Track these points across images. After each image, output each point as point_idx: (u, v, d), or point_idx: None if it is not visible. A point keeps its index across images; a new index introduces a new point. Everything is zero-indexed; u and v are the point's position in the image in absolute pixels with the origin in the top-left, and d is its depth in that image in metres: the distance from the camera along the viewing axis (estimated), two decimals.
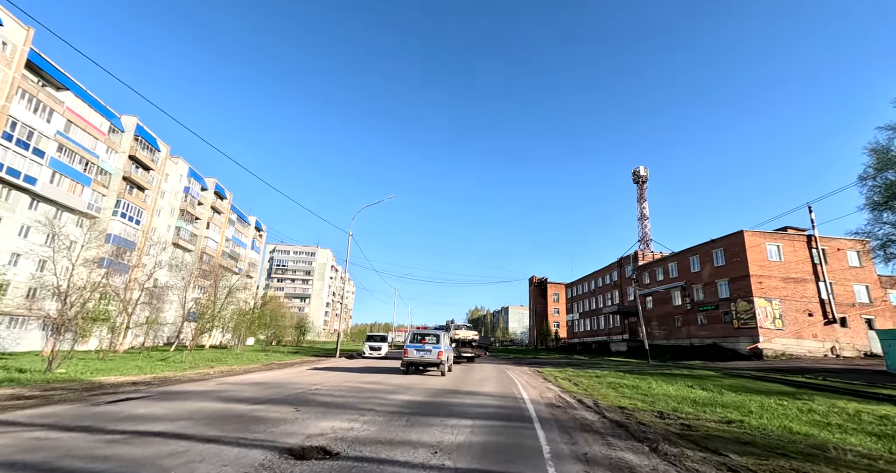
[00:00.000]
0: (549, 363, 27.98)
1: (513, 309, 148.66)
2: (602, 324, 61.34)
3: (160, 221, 50.83)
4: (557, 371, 18.97)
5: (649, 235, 54.70)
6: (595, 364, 27.42)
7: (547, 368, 21.41)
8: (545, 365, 25.89)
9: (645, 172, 56.41)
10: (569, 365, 26.31)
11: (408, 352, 15.44)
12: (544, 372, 17.91)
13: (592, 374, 16.59)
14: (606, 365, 26.84)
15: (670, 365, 27.76)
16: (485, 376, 15.49)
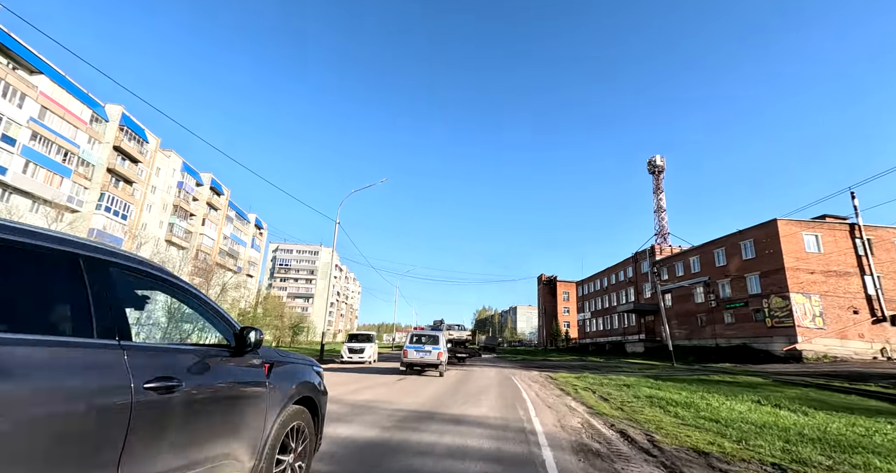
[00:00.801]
0: (562, 366, 24.82)
1: (521, 309, 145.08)
2: (616, 324, 57.78)
3: (151, 217, 48.63)
4: (574, 377, 15.83)
5: (667, 228, 51.16)
6: (614, 367, 24.16)
7: (561, 373, 18.29)
8: (558, 368, 22.76)
9: (661, 162, 52.80)
10: (584, 368, 23.14)
11: (407, 353, 15.69)
12: (558, 379, 14.80)
13: (619, 382, 13.44)
14: (628, 368, 23.57)
15: (701, 369, 24.39)
16: (484, 385, 12.46)
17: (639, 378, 15.65)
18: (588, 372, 20.00)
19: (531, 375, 16.86)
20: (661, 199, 52.01)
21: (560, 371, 20.53)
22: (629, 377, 15.98)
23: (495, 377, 15.53)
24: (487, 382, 13.34)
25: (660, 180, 52.89)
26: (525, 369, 21.21)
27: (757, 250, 34.13)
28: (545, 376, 16.54)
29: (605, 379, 14.31)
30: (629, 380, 14.12)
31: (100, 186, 38.80)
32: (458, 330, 27.35)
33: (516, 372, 18.21)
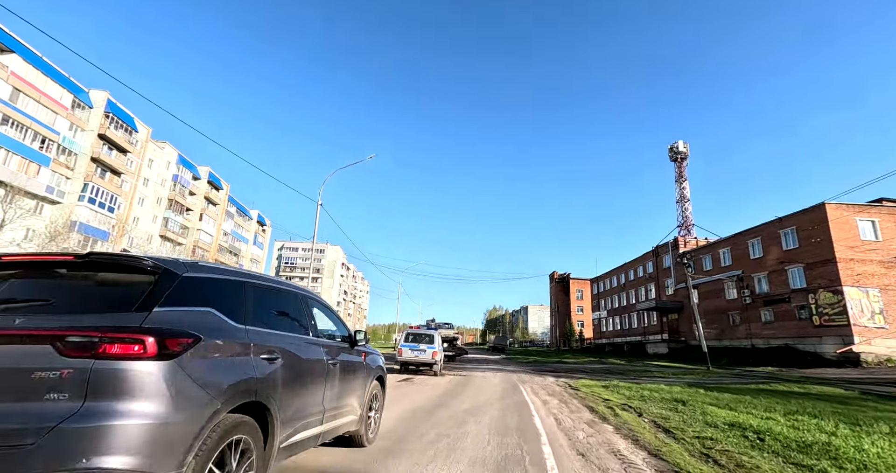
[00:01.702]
0: (581, 369, 21.36)
1: (532, 308, 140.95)
2: (635, 323, 53.75)
3: (144, 211, 46.43)
4: (600, 385, 12.41)
5: (691, 219, 47.04)
6: (642, 371, 20.57)
7: (582, 379, 14.89)
8: (575, 372, 19.33)
9: (684, 148, 48.68)
10: (608, 372, 19.66)
11: (402, 352, 15.64)
12: (581, 390, 11.40)
13: (664, 394, 10.01)
14: (658, 372, 20.00)
15: (746, 375, 20.68)
16: (481, 401, 9.06)
17: (683, 387, 12.18)
18: (614, 377, 16.54)
19: (545, 383, 13.51)
20: (685, 188, 47.93)
21: (580, 376, 17.10)
22: (670, 385, 12.52)
23: (499, 385, 12.23)
24: (487, 395, 9.98)
25: (682, 168, 48.77)
26: (538, 373, 17.84)
27: (800, 239, 30.07)
28: (563, 384, 13.16)
29: (643, 390, 10.86)
30: (675, 392, 10.67)
31: (83, 176, 36.55)
32: (446, 328, 27.27)
33: (526, 378, 14.87)
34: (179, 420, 2.01)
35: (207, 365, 2.30)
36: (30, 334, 1.93)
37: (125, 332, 1.99)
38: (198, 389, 2.16)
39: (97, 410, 1.82)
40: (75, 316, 2.06)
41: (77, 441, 1.75)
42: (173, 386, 2.04)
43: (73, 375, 1.85)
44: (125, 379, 1.91)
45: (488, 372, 17.47)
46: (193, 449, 2.06)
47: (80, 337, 1.92)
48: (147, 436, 1.88)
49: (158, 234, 49.52)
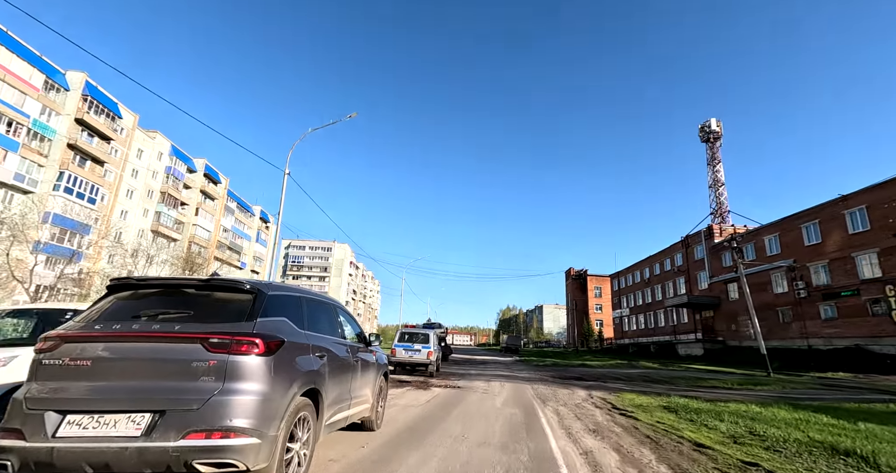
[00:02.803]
0: (613, 376, 16.98)
1: (547, 307, 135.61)
2: (662, 321, 48.68)
3: (133, 204, 43.58)
4: (658, 405, 8.16)
5: (726, 205, 41.86)
6: (692, 380, 16.02)
7: (623, 392, 10.65)
8: (607, 380, 15.00)
9: (718, 127, 43.44)
10: (647, 380, 15.29)
11: (396, 352, 14.85)
12: (639, 417, 7.15)
13: (782, 424, 5.79)
14: (714, 381, 15.49)
15: (826, 383, 16.00)
16: (465, 458, 5.05)
17: (778, 408, 7.88)
18: (661, 387, 12.27)
19: (574, 400, 9.27)
20: (718, 171, 42.74)
21: (616, 385, 12.82)
22: (763, 405, 8.19)
23: (505, 408, 7.93)
24: (478, 434, 5.76)
25: (716, 149, 43.58)
26: (561, 383, 13.57)
27: (872, 220, 25.01)
28: (602, 403, 8.93)
29: (740, 418, 6.59)
30: (782, 415, 6.43)
31: (58, 164, 33.69)
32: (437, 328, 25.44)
33: (546, 392, 10.64)
34: (276, 398, 2.93)
35: (290, 360, 3.22)
36: (187, 336, 2.85)
37: (245, 336, 2.91)
38: (286, 377, 3.10)
39: (232, 388, 2.74)
40: (211, 324, 2.97)
41: (223, 408, 2.66)
42: (273, 374, 2.96)
43: (216, 365, 2.77)
44: (247, 369, 2.83)
45: (494, 381, 13.25)
46: (284, 418, 2.96)
47: (219, 339, 2.83)
48: (260, 407, 2.78)
49: (150, 229, 46.71)
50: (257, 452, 2.66)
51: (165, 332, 2.83)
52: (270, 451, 2.75)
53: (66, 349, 2.78)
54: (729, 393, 12.02)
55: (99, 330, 2.86)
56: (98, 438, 2.48)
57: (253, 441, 2.65)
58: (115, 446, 2.44)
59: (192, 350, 2.78)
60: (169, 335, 2.81)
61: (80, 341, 2.81)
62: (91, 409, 2.60)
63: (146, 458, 2.44)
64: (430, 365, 14.74)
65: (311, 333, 3.70)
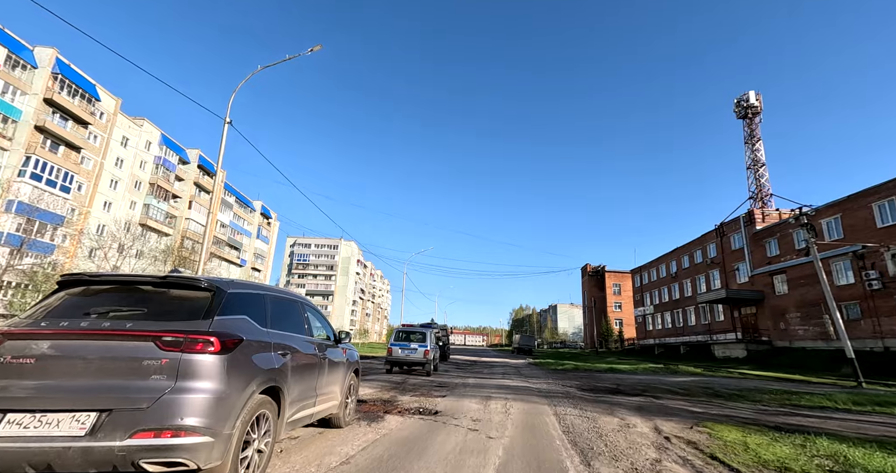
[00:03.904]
0: (658, 386, 12.51)
1: (562, 306, 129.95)
2: (693, 319, 43.53)
3: (117, 195, 40.57)
4: (811, 461, 3.89)
5: (768, 188, 36.66)
6: (779, 395, 11.35)
7: (707, 422, 6.41)
8: (658, 395, 10.58)
9: (757, 100, 38.16)
10: (714, 394, 10.81)
11: (392, 351, 14.67)
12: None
13: None
14: (798, 393, 10.97)
15: None
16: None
17: None
18: (751, 409, 7.92)
19: (642, 446, 5.00)
20: (758, 150, 37.55)
21: (682, 406, 8.45)
22: None
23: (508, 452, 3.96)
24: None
25: (755, 126, 38.39)
26: (597, 402, 9.17)
27: None
28: (695, 452, 4.70)
29: None
30: None
31: (24, 147, 30.70)
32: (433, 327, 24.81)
33: (583, 425, 6.22)
34: (232, 396, 2.84)
35: (248, 358, 3.11)
36: (139, 334, 2.75)
37: (200, 334, 2.84)
38: (243, 375, 3.00)
39: (184, 387, 2.66)
40: (165, 322, 2.88)
41: (174, 406, 2.58)
42: (229, 372, 2.88)
43: (168, 363, 2.69)
44: (201, 367, 2.76)
45: (496, 398, 8.90)
46: (240, 417, 2.87)
47: (173, 338, 2.76)
48: (214, 405, 2.71)
49: (138, 222, 43.66)
50: (210, 450, 2.63)
51: (116, 330, 2.78)
52: (224, 449, 2.72)
53: (10, 346, 2.71)
54: (865, 420, 7.55)
55: (45, 327, 2.81)
56: (39, 438, 2.42)
57: (205, 439, 2.62)
58: (57, 446, 2.38)
59: (143, 348, 2.74)
60: (120, 333, 2.77)
61: (25, 338, 2.75)
62: (33, 408, 2.52)
63: (90, 458, 2.40)
64: (427, 364, 14.42)
65: (274, 331, 3.68)
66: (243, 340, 3.07)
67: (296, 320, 4.30)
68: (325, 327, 5.15)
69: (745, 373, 20.35)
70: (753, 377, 18.49)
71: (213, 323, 2.93)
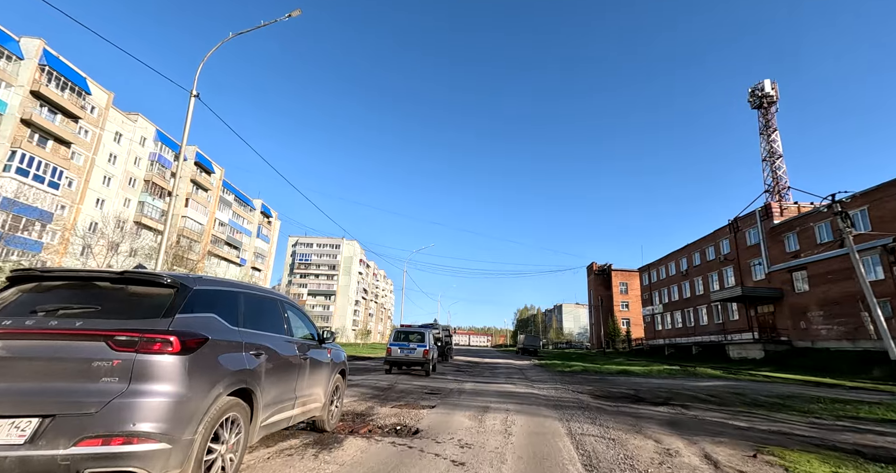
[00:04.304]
0: (683, 392, 10.82)
1: (567, 306, 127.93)
2: (705, 318, 41.66)
3: (110, 192, 39.46)
4: None
5: (785, 180, 34.75)
6: (827, 405, 9.72)
7: (771, 446, 4.88)
8: (688, 404, 8.91)
9: (772, 89, 36.22)
10: (751, 403, 9.13)
11: (391, 351, 14.69)
12: None
13: None
14: (844, 401, 9.32)
15: None
16: None
17: None
18: (804, 423, 6.32)
19: None
20: (774, 141, 35.70)
21: (723, 419, 6.83)
22: None
23: None
24: None
25: (770, 116, 36.46)
26: (618, 413, 7.45)
27: None
28: None
29: None
30: None
31: (9, 141, 29.58)
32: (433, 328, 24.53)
33: (608, 453, 4.76)
34: (194, 399, 2.64)
35: (214, 358, 2.90)
36: (90, 333, 2.54)
37: (158, 334, 2.62)
38: (207, 377, 2.79)
39: (138, 390, 2.44)
40: (120, 320, 2.66)
41: (125, 411, 2.36)
42: (190, 374, 2.66)
43: (121, 364, 2.47)
44: (158, 369, 2.54)
45: (495, 408, 7.28)
46: (203, 421, 2.67)
47: (127, 337, 2.54)
48: (172, 409, 2.50)
49: (133, 220, 42.56)
50: (167, 458, 2.44)
51: (63, 329, 2.56)
52: (184, 456, 2.54)
53: None
54: None
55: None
56: None
57: (161, 446, 2.41)
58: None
59: (93, 348, 2.52)
60: (67, 332, 2.55)
61: None
62: None
63: (30, 468, 2.20)
64: (426, 364, 14.41)
65: (247, 330, 3.46)
66: (208, 339, 2.90)
67: (274, 319, 4.11)
68: (307, 326, 4.96)
69: (770, 376, 18.59)
70: (780, 380, 16.76)
71: (173, 322, 2.75)
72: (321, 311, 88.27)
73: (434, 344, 18.14)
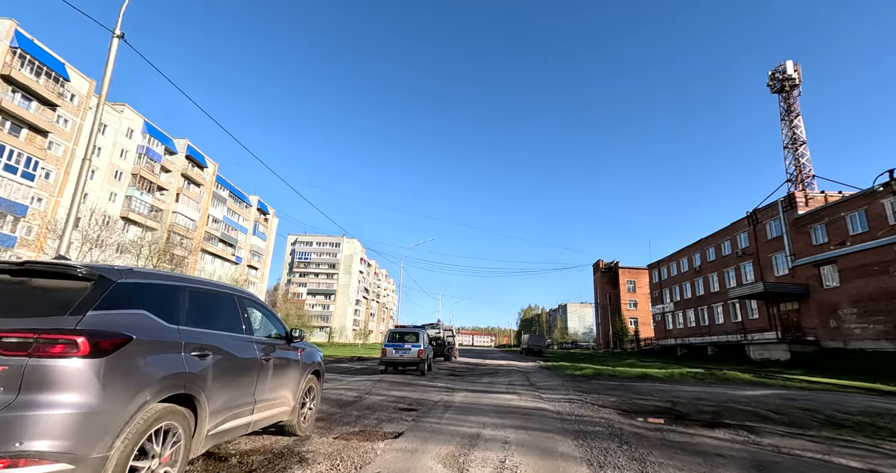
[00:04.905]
0: (729, 404, 8.49)
1: (572, 306, 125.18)
2: (721, 317, 39.06)
3: (94, 186, 37.50)
4: None
5: (809, 168, 32.15)
6: None
7: None
8: (746, 427, 6.62)
9: (795, 71, 33.58)
10: (825, 421, 6.93)
11: (385, 352, 14.58)
12: None
13: None
14: None
15: None
16: None
17: None
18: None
19: None
20: (797, 127, 33.09)
21: (861, 452, 4.64)
22: None
23: None
24: None
25: (792, 100, 33.85)
26: (667, 443, 5.41)
27: None
28: None
29: None
30: None
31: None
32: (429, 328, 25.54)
33: None
34: (110, 410, 2.21)
35: (139, 361, 2.48)
36: None
37: (59, 334, 2.18)
38: (129, 382, 2.36)
39: (30, 401, 2.03)
40: (13, 319, 2.24)
41: (10, 428, 1.95)
42: (105, 380, 2.23)
43: (7, 372, 2.05)
44: (58, 375, 2.11)
45: (486, 450, 5.07)
46: (122, 434, 2.26)
47: (17, 339, 2.11)
48: (76, 423, 2.09)
49: (120, 216, 40.66)
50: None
51: None
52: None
53: None
54: None
55: None
56: None
57: (59, 467, 2.03)
58: None
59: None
60: None
61: None
62: None
63: None
64: (421, 364, 14.43)
65: (190, 328, 3.05)
66: (132, 339, 2.46)
67: (229, 317, 3.71)
68: (274, 325, 4.61)
69: (809, 381, 16.10)
70: (826, 387, 14.27)
71: (84, 320, 2.31)
72: (321, 311, 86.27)
73: (430, 343, 17.90)
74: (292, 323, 52.89)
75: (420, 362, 14.31)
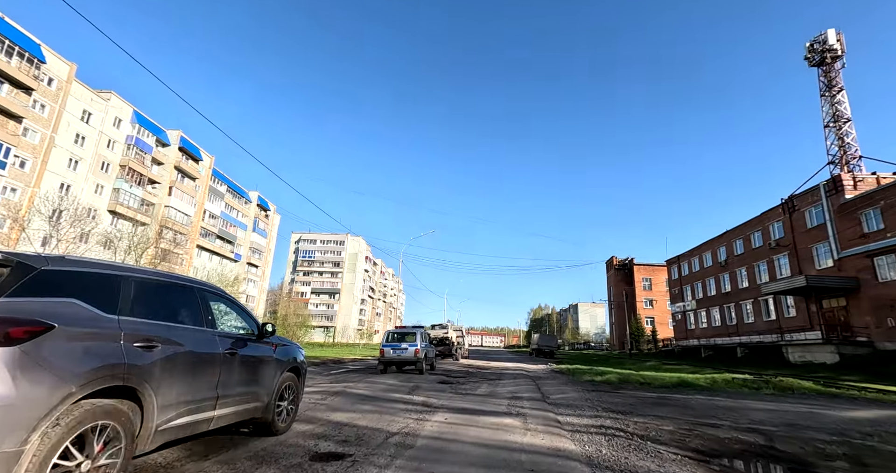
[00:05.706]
0: (861, 445, 5.58)
1: (583, 305, 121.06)
2: (751, 315, 35.32)
3: (77, 177, 35.38)
4: None
5: (855, 149, 28.42)
6: None
7: None
8: None
9: (837, 42, 29.78)
10: None
11: (384, 352, 14.96)
12: None
13: None
14: None
15: None
16: None
17: None
18: None
19: None
20: (840, 103, 29.40)
21: None
22: None
23: None
24: None
25: (834, 73, 30.10)
26: None
27: None
28: None
29: None
30: None
31: None
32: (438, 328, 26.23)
33: None
34: (21, 402, 2.07)
35: (63, 351, 2.32)
36: None
37: None
38: (48, 373, 2.21)
39: None
40: None
41: None
42: (16, 370, 2.09)
43: None
44: None
45: None
46: (39, 429, 2.10)
47: None
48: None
49: (107, 209, 38.56)
50: None
51: None
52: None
53: None
54: None
55: None
56: None
57: None
58: None
59: None
60: None
61: None
62: None
63: None
64: (419, 363, 14.63)
65: (133, 319, 2.92)
66: (53, 328, 2.32)
67: (186, 309, 3.60)
68: (244, 319, 4.50)
69: (839, 377, 12.65)
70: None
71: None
72: (325, 310, 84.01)
73: (430, 343, 17.90)
74: (292, 322, 50.45)
75: (417, 361, 14.58)
